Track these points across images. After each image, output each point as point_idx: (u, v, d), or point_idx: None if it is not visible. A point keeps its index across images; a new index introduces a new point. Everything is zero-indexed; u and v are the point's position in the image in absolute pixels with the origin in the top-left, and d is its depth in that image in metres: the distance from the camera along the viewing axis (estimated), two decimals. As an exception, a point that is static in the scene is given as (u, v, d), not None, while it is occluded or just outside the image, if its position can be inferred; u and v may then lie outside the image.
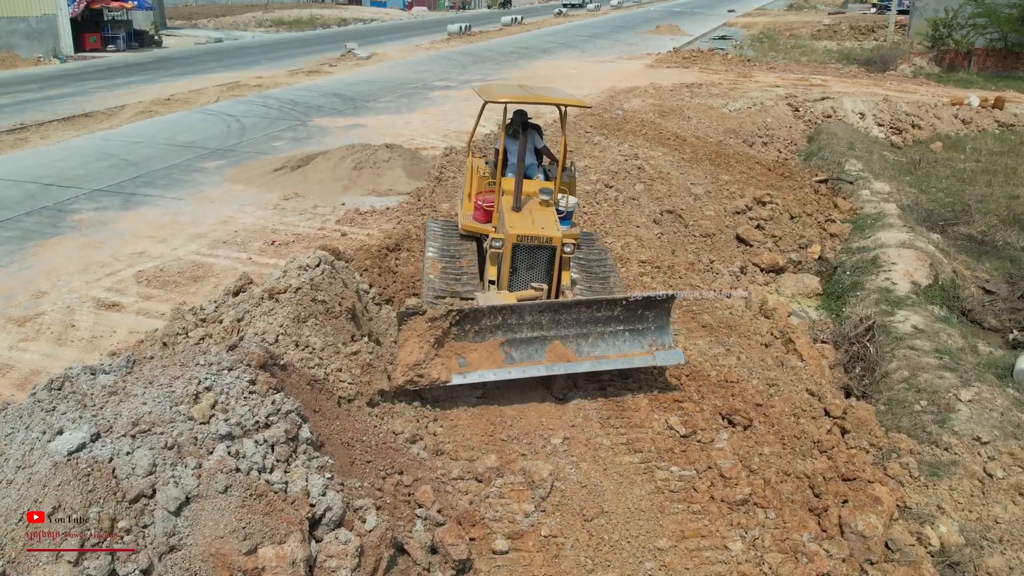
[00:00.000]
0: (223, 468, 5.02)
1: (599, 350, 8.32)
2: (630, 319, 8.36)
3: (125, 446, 5.02)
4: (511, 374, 7.98)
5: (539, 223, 8.96)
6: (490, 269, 9.07)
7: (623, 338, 8.41)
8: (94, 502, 4.75)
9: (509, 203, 9.35)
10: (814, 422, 8.66)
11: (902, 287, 12.82)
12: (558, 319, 8.16)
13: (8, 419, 5.59)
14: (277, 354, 6.42)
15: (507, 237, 8.76)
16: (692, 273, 12.23)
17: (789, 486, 7.48)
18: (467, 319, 7.88)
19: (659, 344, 8.48)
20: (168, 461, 4.99)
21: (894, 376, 10.35)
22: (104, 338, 9.18)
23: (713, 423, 8.26)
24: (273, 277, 8.20)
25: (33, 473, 4.98)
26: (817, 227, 15.86)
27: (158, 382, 5.64)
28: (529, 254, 8.88)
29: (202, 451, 5.15)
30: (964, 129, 26.15)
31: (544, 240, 8.77)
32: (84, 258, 11.48)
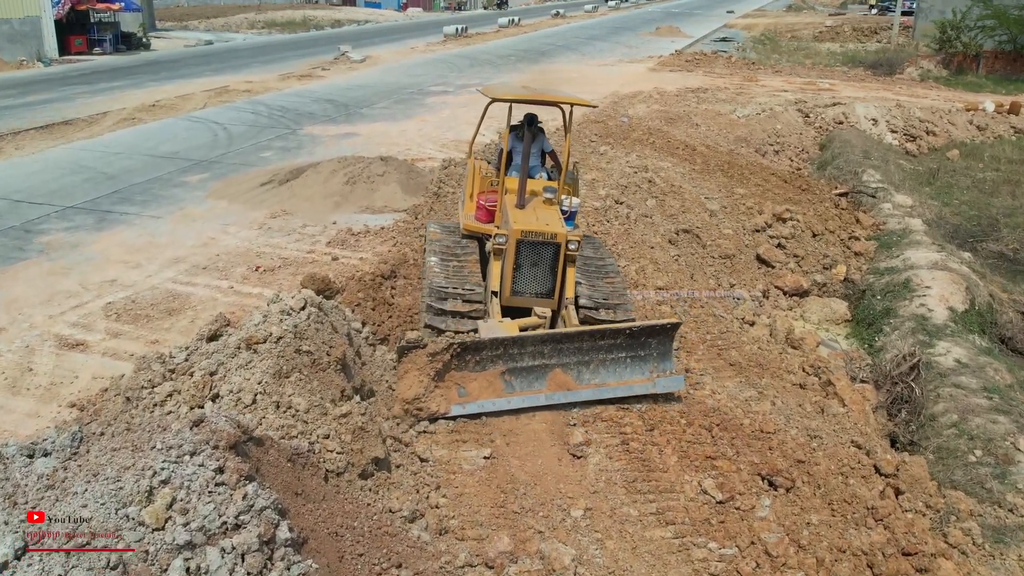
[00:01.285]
0: (181, 596, 4.02)
1: (600, 377, 8.17)
2: (632, 346, 8.19)
3: (57, 567, 4.02)
4: (511, 404, 7.82)
5: (543, 220, 8.82)
6: (493, 266, 8.89)
7: (624, 365, 8.26)
8: (11, 649, 3.76)
9: (512, 201, 9.15)
10: (864, 482, 7.70)
11: (939, 314, 11.88)
12: (560, 348, 8.01)
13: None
14: (251, 427, 5.41)
15: (511, 233, 8.60)
16: (714, 301, 11.25)
17: (846, 566, 6.52)
18: (468, 350, 7.72)
19: (660, 370, 8.26)
20: (109, 587, 3.99)
21: (941, 420, 9.40)
22: (64, 385, 8.16)
23: (752, 485, 7.31)
24: (252, 322, 7.19)
25: (-59, 601, 3.99)
26: (840, 245, 14.91)
27: (104, 473, 4.63)
28: (533, 251, 8.68)
29: (153, 569, 4.16)
30: (980, 136, 25.29)
31: (548, 236, 8.60)
32: (49, 287, 10.45)
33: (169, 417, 6.08)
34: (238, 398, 6.31)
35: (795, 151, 22.51)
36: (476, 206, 9.78)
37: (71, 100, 23.89)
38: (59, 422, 7.51)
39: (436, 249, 9.62)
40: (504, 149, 9.53)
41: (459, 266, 9.22)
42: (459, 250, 9.61)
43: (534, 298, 8.83)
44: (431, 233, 10.25)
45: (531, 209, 9.05)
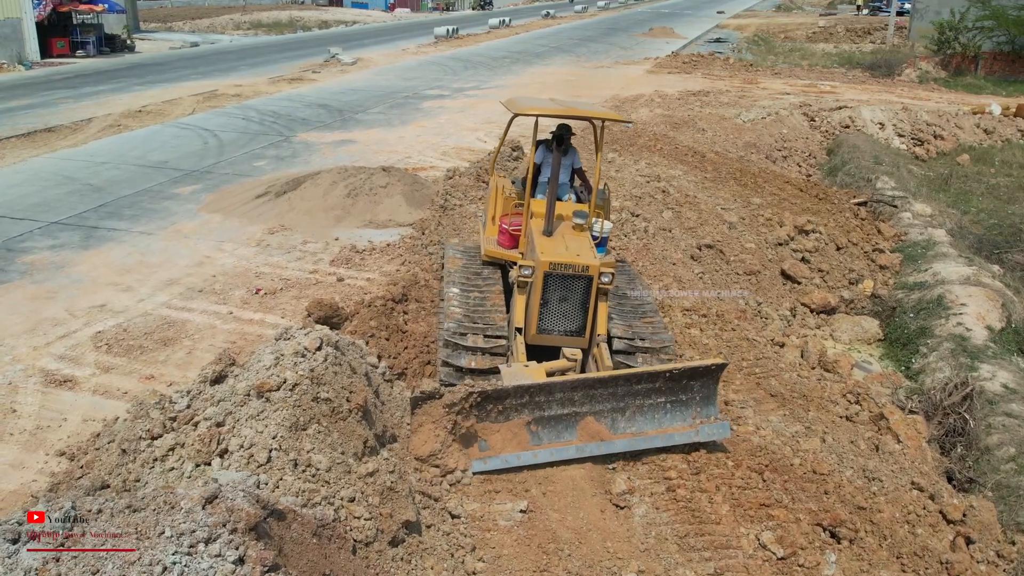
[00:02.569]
0: None
1: (637, 426, 7.38)
2: (673, 390, 7.39)
3: None
4: (537, 457, 6.99)
5: (573, 250, 8.09)
6: (517, 301, 8.06)
7: (664, 411, 7.43)
8: None
9: (539, 226, 8.37)
10: (932, 531, 7.06)
11: (977, 334, 11.29)
12: (592, 394, 7.21)
13: None
14: (270, 500, 4.70)
15: (538, 264, 7.88)
16: (744, 321, 10.60)
17: (929, 634, 5.86)
18: (490, 399, 6.87)
19: (703, 416, 7.43)
20: None
21: (998, 454, 8.78)
22: (51, 429, 7.42)
23: (814, 538, 6.67)
24: (262, 363, 6.46)
25: None
26: (865, 258, 14.31)
27: (106, 571, 3.91)
28: (562, 284, 7.93)
29: None
30: (987, 139, 24.81)
31: (579, 269, 7.87)
32: (34, 313, 9.69)
33: (175, 482, 5.36)
34: (250, 455, 5.59)
35: (802, 156, 21.93)
36: (499, 230, 9.05)
37: (54, 106, 23.03)
38: (49, 473, 6.78)
39: (456, 280, 8.88)
40: (530, 168, 8.67)
41: (481, 301, 8.45)
42: (480, 280, 8.86)
43: (562, 336, 8.06)
44: (450, 259, 9.52)
45: (560, 236, 8.31)
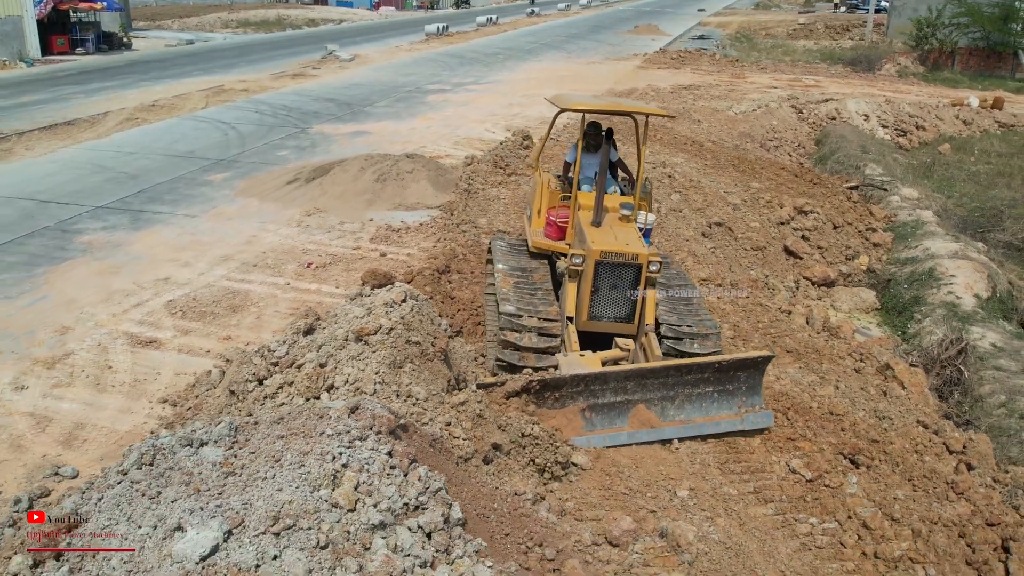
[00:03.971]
0: (392, 571, 4.17)
1: (685, 413, 7.77)
2: (721, 380, 7.80)
3: (270, 547, 4.15)
4: (590, 443, 7.38)
5: (622, 239, 8.40)
6: (568, 289, 8.42)
7: (712, 400, 7.84)
8: (247, 624, 3.88)
9: (586, 218, 8.75)
10: (938, 459, 8.03)
11: (966, 301, 12.31)
12: (644, 383, 7.62)
13: (103, 507, 4.67)
14: (400, 413, 5.56)
15: (589, 253, 8.19)
16: (757, 291, 11.55)
17: (941, 537, 6.81)
18: (548, 387, 7.35)
19: (748, 405, 7.90)
20: (325, 565, 4.13)
21: (990, 401, 9.78)
22: (148, 382, 8.21)
23: (836, 464, 7.62)
24: (353, 315, 7.31)
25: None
26: (859, 236, 15.32)
27: (285, 459, 4.76)
28: (612, 272, 8.26)
29: (358, 547, 4.30)
30: (966, 130, 25.99)
31: (629, 257, 8.18)
32: (103, 286, 10.45)
33: (303, 407, 6.19)
34: (357, 388, 6.43)
35: (792, 146, 22.97)
36: (546, 222, 9.42)
37: (67, 100, 23.61)
38: (157, 417, 7.59)
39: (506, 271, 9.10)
40: (576, 162, 9.16)
41: (532, 291, 8.74)
42: (529, 272, 9.14)
43: (612, 322, 8.43)
44: (497, 251, 9.74)
45: (608, 227, 8.61)
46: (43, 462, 6.88)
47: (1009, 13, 36.67)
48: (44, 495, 6.44)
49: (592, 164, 9.42)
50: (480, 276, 10.91)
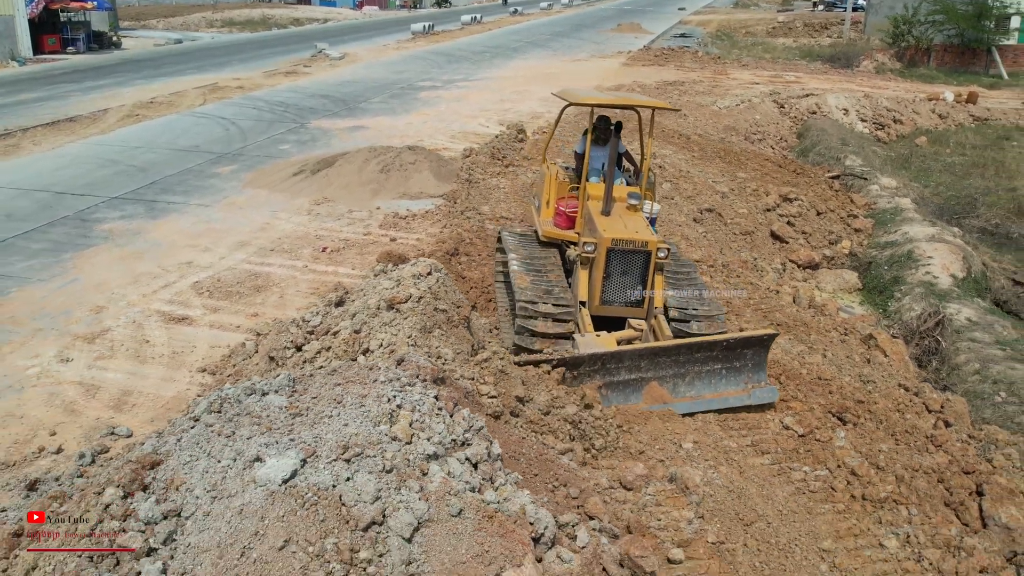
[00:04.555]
0: (449, 490, 4.80)
1: (695, 389, 8.22)
2: (728, 357, 8.23)
3: (343, 471, 4.76)
4: None
5: (632, 227, 8.77)
6: (581, 275, 8.79)
7: (720, 376, 8.28)
8: (328, 532, 4.48)
9: (596, 207, 9.12)
10: (918, 417, 8.72)
11: (943, 281, 13.04)
12: (657, 361, 8.04)
13: (183, 446, 5.26)
14: (438, 367, 6.17)
15: (601, 241, 8.54)
16: (747, 271, 12.24)
17: (922, 482, 7.50)
18: (567, 365, 7.77)
19: (754, 381, 8.37)
20: (391, 485, 4.74)
21: (965, 369, 10.50)
22: (185, 354, 8.78)
23: (825, 421, 8.27)
24: (383, 287, 7.92)
25: (244, 504, 4.67)
26: (841, 222, 16.05)
27: (346, 401, 5.36)
28: (623, 259, 8.63)
29: (417, 473, 4.91)
30: (942, 124, 26.85)
31: (639, 244, 8.56)
32: (129, 270, 10.99)
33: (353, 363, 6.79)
34: (391, 350, 7.03)
35: (775, 140, 23.72)
36: (555, 212, 9.81)
37: (65, 98, 24.03)
38: (198, 384, 8.16)
39: (518, 259, 9.45)
40: (585, 154, 9.53)
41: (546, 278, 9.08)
42: (541, 260, 9.47)
43: (623, 307, 8.75)
44: (508, 242, 10.01)
45: (617, 216, 8.95)
46: (97, 424, 7.45)
47: (982, 11, 37.63)
48: (103, 451, 7.02)
49: (599, 156, 9.78)
50: (486, 258, 11.52)
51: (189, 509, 4.82)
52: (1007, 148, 23.78)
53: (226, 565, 4.47)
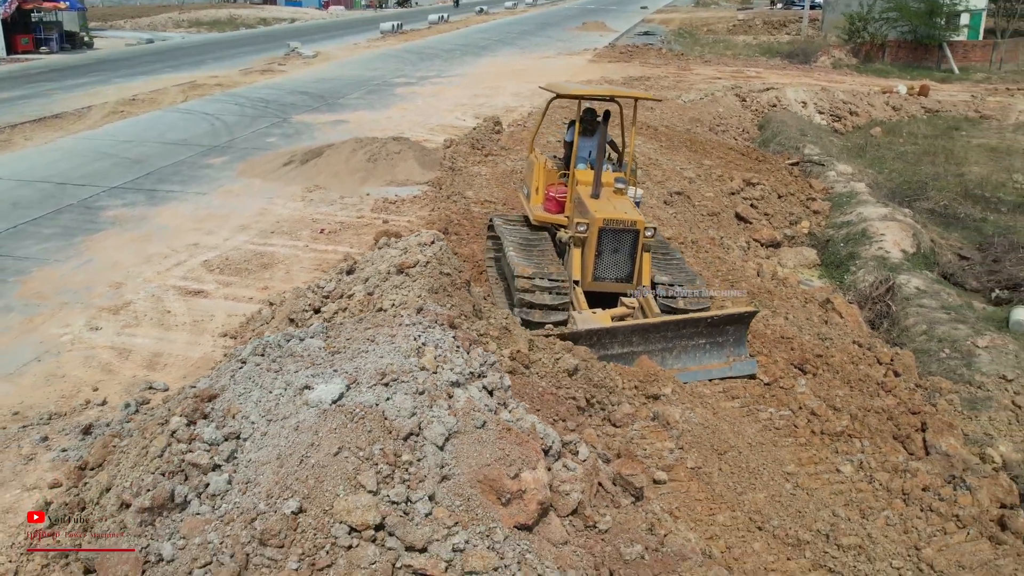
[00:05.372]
0: (473, 408, 5.66)
1: (682, 362, 8.95)
2: (711, 333, 8.97)
3: (383, 393, 5.60)
4: None
5: (621, 209, 9.45)
6: (574, 254, 9.47)
7: (704, 351, 9.05)
8: (375, 440, 5.32)
9: (585, 192, 9.79)
10: (870, 367, 9.74)
11: (894, 255, 14.13)
12: (647, 336, 8.78)
13: (237, 380, 6.07)
14: (453, 315, 7.03)
15: (593, 222, 9.21)
16: (715, 247, 13.22)
17: (873, 419, 8.50)
18: (564, 340, 8.43)
19: (736, 355, 9.15)
20: (424, 404, 5.60)
21: (914, 330, 11.56)
22: (206, 322, 9.53)
23: (788, 372, 9.24)
24: (391, 255, 8.75)
25: (299, 422, 5.49)
26: (801, 205, 17.13)
27: (378, 340, 6.21)
28: (614, 238, 9.28)
29: (444, 395, 5.77)
30: (895, 115, 28.15)
31: (628, 224, 9.22)
32: (141, 251, 11.69)
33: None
34: (402, 308, 7.87)
35: (737, 131, 24.81)
36: (545, 198, 10.50)
37: (47, 96, 24.50)
38: (222, 347, 8.93)
39: (514, 242, 10.06)
40: (574, 143, 10.27)
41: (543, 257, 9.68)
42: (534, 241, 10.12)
43: (614, 283, 9.40)
44: (500, 227, 10.63)
45: (606, 199, 9.56)
46: (134, 380, 8.20)
47: (934, 8, 39.17)
48: (144, 403, 7.78)
49: (587, 145, 10.56)
50: (475, 237, 12.38)
51: (247, 432, 5.63)
52: (956, 137, 25.11)
53: (287, 472, 5.29)
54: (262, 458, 5.42)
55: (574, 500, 5.79)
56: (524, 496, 5.48)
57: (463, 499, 5.31)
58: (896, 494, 7.47)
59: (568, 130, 10.95)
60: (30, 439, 7.07)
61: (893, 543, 6.76)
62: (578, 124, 10.47)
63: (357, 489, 5.13)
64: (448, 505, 5.22)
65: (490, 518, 5.25)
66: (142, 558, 5.07)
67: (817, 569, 6.31)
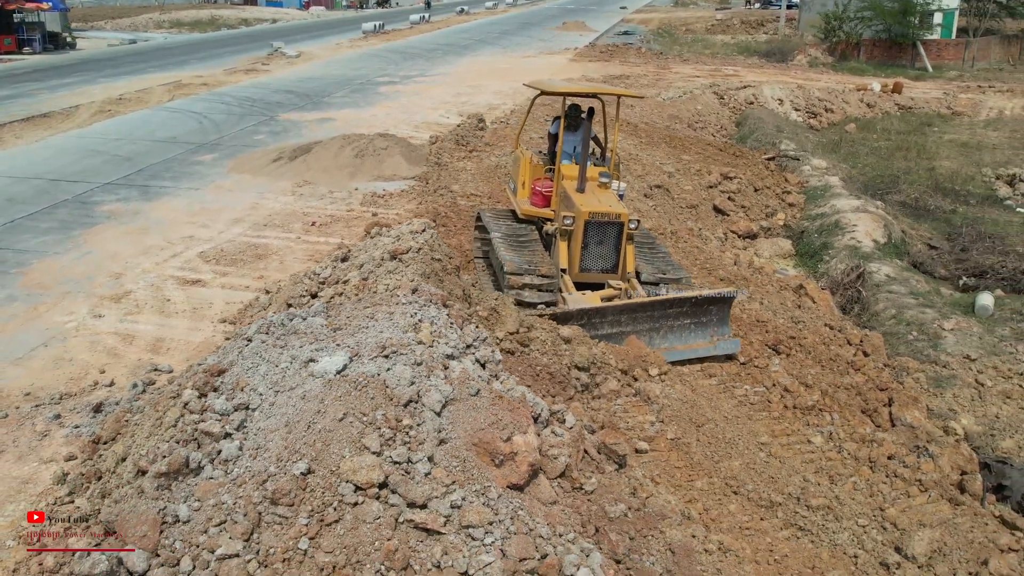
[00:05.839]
0: (467, 378, 6.09)
1: (668, 342, 9.29)
2: (696, 313, 9.30)
3: (384, 364, 6.02)
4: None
5: (605, 202, 9.83)
6: (561, 246, 9.80)
7: (689, 330, 9.35)
8: (378, 406, 5.73)
9: (571, 186, 10.14)
10: (841, 348, 10.24)
11: (866, 244, 14.67)
12: (635, 316, 9.13)
13: (245, 355, 6.46)
14: (445, 295, 7.45)
15: (579, 215, 9.56)
16: (694, 238, 13.71)
17: (843, 395, 9.00)
18: (557, 319, 8.72)
19: (719, 335, 9.50)
20: (422, 374, 6.01)
21: (883, 314, 12.09)
22: (205, 309, 9.90)
23: (763, 352, 9.71)
24: (384, 242, 9.16)
25: (306, 392, 5.89)
26: (776, 198, 17.66)
27: (377, 317, 6.62)
28: (599, 230, 9.64)
29: (440, 366, 6.19)
30: (869, 112, 28.79)
31: (613, 217, 9.60)
32: (138, 243, 12.02)
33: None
34: (396, 292, 8.27)
35: (715, 128, 25.37)
36: (532, 192, 10.83)
37: (33, 96, 24.69)
38: (222, 332, 9.31)
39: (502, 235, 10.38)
40: (559, 139, 10.59)
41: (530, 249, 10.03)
42: (522, 233, 10.44)
43: (600, 273, 9.77)
44: (489, 221, 10.96)
45: (591, 193, 9.89)
46: (139, 363, 8.57)
47: (907, 7, 39.90)
48: (151, 383, 8.14)
49: (571, 140, 10.91)
50: (462, 229, 12.79)
51: (256, 402, 6.02)
52: (928, 133, 25.77)
53: (295, 437, 5.68)
54: (271, 426, 5.81)
55: (562, 463, 6.23)
56: (516, 458, 5.91)
57: (459, 460, 5.72)
58: (863, 462, 7.96)
59: (554, 122, 11.31)
60: (43, 417, 7.43)
61: (859, 504, 7.24)
62: (563, 120, 10.82)
63: (362, 451, 5.53)
64: (446, 466, 5.63)
65: (484, 478, 5.67)
66: (159, 518, 5.43)
67: (788, 528, 6.78)
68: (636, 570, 5.71)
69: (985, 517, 7.43)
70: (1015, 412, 9.59)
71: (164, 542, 5.32)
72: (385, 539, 5.15)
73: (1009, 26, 43.42)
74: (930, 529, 6.87)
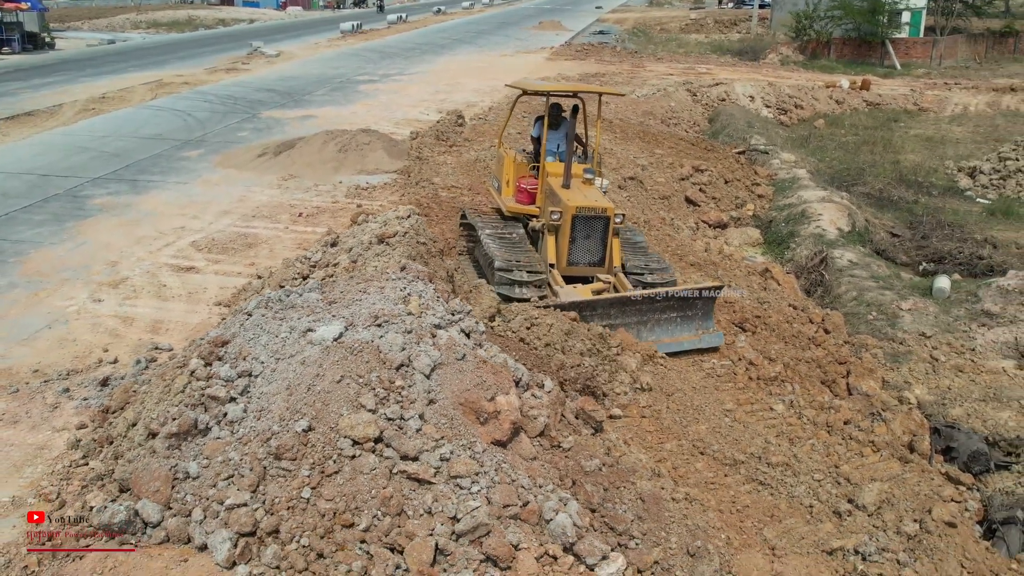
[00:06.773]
0: (454, 344, 6.63)
1: (655, 335, 9.64)
2: (682, 307, 9.65)
3: (377, 332, 6.54)
4: None
5: (591, 197, 10.11)
6: (548, 241, 10.10)
7: (676, 324, 9.71)
8: (372, 369, 6.26)
9: (556, 182, 10.43)
10: (803, 326, 10.86)
11: (831, 232, 15.33)
12: (624, 310, 9.45)
13: (247, 327, 6.96)
14: (431, 272, 7.98)
15: (566, 209, 9.83)
16: (666, 227, 14.31)
17: (803, 367, 9.62)
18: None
19: (704, 328, 9.87)
20: (412, 341, 6.55)
21: (845, 296, 12.73)
22: (200, 293, 10.37)
23: (730, 329, 10.31)
24: (372, 228, 9.67)
25: (305, 358, 6.41)
26: (746, 190, 18.31)
27: (369, 291, 7.14)
28: (586, 224, 9.91)
29: (428, 335, 6.72)
30: (838, 108, 29.58)
31: (599, 211, 9.89)
32: (130, 234, 12.46)
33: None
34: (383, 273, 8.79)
35: (688, 124, 26.00)
36: (517, 189, 11.10)
37: (15, 95, 24.93)
38: (218, 314, 9.78)
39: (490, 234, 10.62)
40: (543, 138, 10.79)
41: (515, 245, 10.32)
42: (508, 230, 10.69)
43: (588, 267, 10.04)
44: (475, 220, 11.20)
45: (576, 188, 10.14)
46: (140, 343, 9.04)
47: (876, 7, 40.83)
48: (153, 360, 8.61)
49: (555, 138, 11.22)
50: (443, 219, 13.30)
51: (258, 370, 6.53)
52: (895, 128, 26.59)
53: (296, 398, 6.20)
54: (273, 390, 6.32)
55: (541, 423, 6.78)
56: (499, 417, 6.46)
57: (447, 418, 6.26)
58: (821, 426, 8.57)
59: (535, 125, 11.63)
60: (53, 391, 7.90)
61: (816, 462, 7.85)
62: (546, 119, 11.11)
63: (358, 409, 6.06)
64: (435, 423, 6.17)
65: (470, 434, 6.22)
66: (171, 475, 5.93)
67: (750, 482, 7.37)
68: (609, 516, 6.26)
69: (931, 473, 8.07)
70: (966, 384, 10.23)
71: (176, 496, 5.83)
72: (381, 488, 5.68)
73: (975, 25, 44.47)
74: (880, 483, 7.48)
